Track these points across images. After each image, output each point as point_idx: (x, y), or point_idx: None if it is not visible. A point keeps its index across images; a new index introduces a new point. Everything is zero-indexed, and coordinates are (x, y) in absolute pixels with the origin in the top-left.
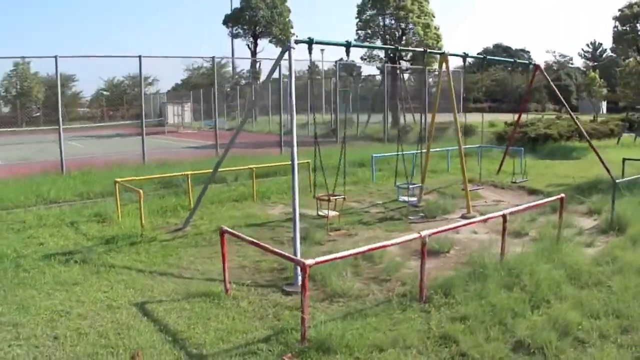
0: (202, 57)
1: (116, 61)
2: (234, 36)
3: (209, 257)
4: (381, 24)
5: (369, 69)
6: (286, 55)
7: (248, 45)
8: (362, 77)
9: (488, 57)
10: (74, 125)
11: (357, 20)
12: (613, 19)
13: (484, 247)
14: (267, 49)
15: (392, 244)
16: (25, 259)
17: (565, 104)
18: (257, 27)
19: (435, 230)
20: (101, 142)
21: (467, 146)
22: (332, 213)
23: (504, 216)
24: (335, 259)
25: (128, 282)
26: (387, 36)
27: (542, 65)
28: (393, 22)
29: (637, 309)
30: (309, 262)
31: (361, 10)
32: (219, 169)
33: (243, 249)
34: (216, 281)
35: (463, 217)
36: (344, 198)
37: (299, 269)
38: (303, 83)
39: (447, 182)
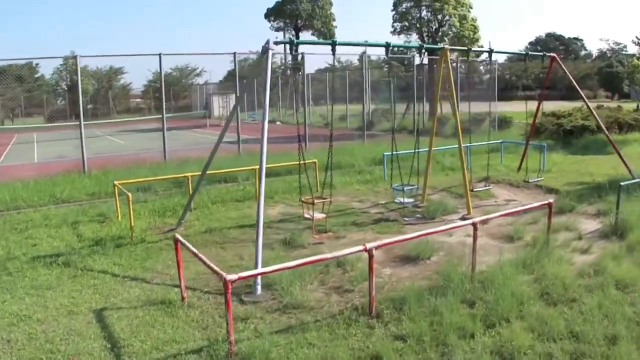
0: (224, 54)
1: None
2: (276, 29)
3: (188, 261)
4: (417, 16)
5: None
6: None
7: (290, 39)
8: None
9: (495, 50)
10: (111, 120)
11: (393, 12)
12: None
13: (465, 255)
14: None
15: (332, 257)
16: (13, 262)
17: (581, 92)
18: (299, 21)
19: (382, 242)
20: (141, 137)
21: (489, 142)
22: (318, 215)
23: (474, 224)
24: (263, 273)
25: (98, 287)
26: (424, 29)
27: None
28: (429, 14)
29: (602, 330)
30: (230, 277)
31: (397, 2)
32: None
33: (223, 253)
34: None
35: (463, 218)
36: (330, 201)
37: (259, 278)
38: (351, 72)
39: (462, 181)
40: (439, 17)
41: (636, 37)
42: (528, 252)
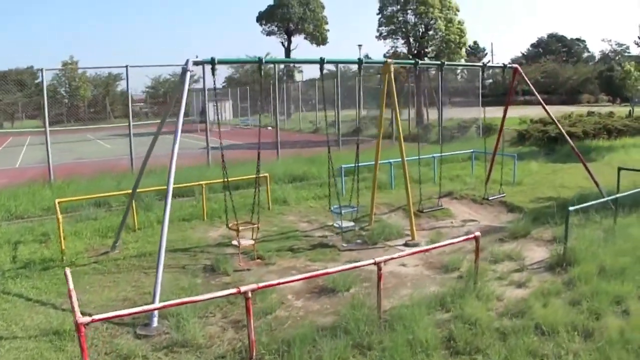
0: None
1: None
2: (268, 34)
3: (105, 286)
4: (402, 19)
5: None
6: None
7: (282, 43)
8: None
9: (446, 63)
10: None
11: (379, 16)
12: None
13: (389, 288)
14: (302, 46)
15: (190, 301)
16: None
17: (540, 98)
18: (290, 25)
19: (257, 285)
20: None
21: (460, 152)
22: (245, 242)
23: (377, 264)
24: (111, 318)
25: (7, 312)
26: (410, 33)
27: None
28: (415, 18)
29: None
30: (82, 320)
31: (383, 5)
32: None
33: (144, 279)
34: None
35: (406, 244)
36: (258, 227)
37: (156, 312)
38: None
39: (424, 196)
40: (425, 20)
41: (639, 38)
42: (452, 287)
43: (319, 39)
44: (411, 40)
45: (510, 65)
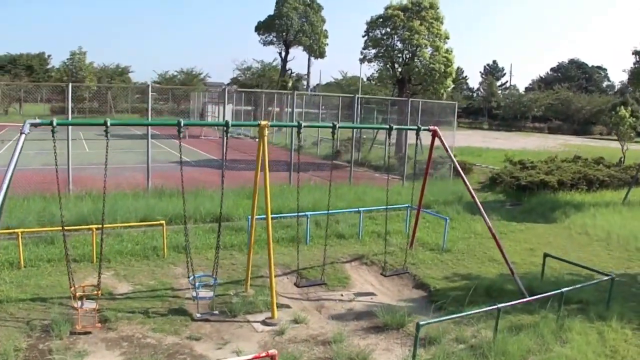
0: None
1: (171, 55)
2: (265, 44)
3: None
4: (388, 44)
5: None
6: None
7: (280, 53)
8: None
9: (340, 125)
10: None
11: (365, 38)
12: (633, 53)
13: None
14: (299, 57)
15: None
16: None
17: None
18: (287, 35)
19: None
20: (119, 144)
21: (389, 206)
22: (89, 305)
23: None
24: None
25: None
26: (394, 60)
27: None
28: (399, 44)
29: None
30: None
31: (370, 27)
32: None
33: None
34: None
35: (264, 322)
36: (97, 294)
37: None
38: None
39: (333, 257)
40: (409, 48)
41: None
42: None
43: (317, 51)
44: (396, 65)
45: (429, 129)
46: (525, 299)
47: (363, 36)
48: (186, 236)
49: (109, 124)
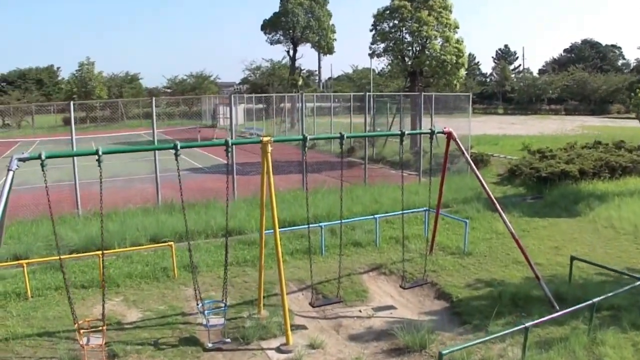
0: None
1: (179, 59)
2: (272, 42)
3: None
4: (397, 37)
5: None
6: None
7: (287, 52)
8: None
9: (349, 135)
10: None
11: (373, 32)
12: None
13: None
14: (308, 55)
15: None
16: None
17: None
18: (294, 32)
19: None
20: (125, 156)
21: (406, 211)
22: (94, 341)
23: None
24: None
25: None
26: (404, 53)
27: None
28: (408, 36)
29: None
30: None
31: (377, 20)
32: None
33: None
34: None
35: (279, 350)
36: (103, 329)
37: None
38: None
39: (350, 269)
40: (419, 40)
41: None
42: None
43: (325, 48)
44: (406, 59)
45: (443, 131)
46: (553, 315)
47: (371, 30)
48: (192, 262)
49: (100, 153)
